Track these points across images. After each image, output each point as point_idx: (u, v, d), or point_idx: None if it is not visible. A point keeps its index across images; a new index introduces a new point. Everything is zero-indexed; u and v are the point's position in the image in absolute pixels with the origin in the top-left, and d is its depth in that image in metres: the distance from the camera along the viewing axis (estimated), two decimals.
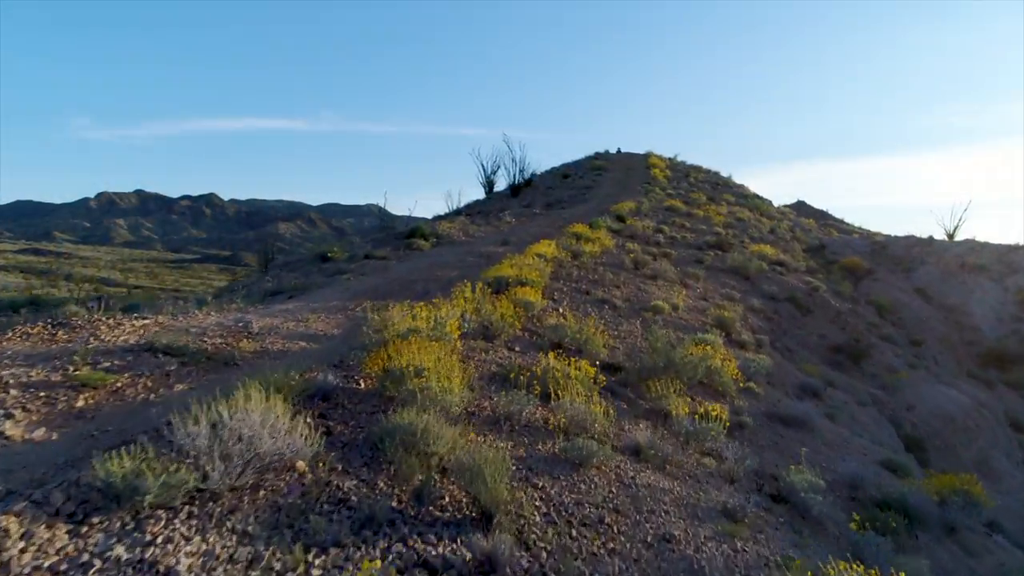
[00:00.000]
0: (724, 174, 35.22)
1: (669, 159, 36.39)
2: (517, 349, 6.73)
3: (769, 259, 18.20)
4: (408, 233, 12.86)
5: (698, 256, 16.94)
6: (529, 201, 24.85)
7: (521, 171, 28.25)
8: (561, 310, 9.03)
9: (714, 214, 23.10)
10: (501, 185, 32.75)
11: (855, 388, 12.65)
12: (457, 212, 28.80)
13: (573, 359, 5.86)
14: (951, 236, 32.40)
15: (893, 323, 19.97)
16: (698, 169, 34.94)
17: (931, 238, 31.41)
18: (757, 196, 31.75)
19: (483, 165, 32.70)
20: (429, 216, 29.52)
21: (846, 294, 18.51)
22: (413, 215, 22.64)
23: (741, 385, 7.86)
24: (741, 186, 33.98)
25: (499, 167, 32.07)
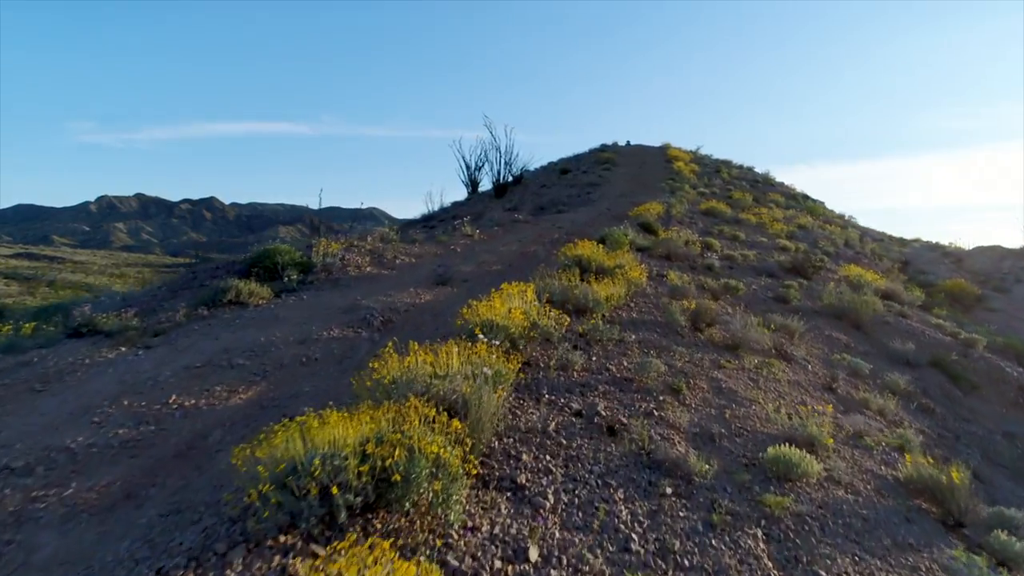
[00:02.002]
0: (759, 170, 28.90)
1: (692, 152, 30.13)
2: None
3: (876, 290, 11.90)
4: (249, 264, 6.61)
5: (775, 288, 10.66)
6: (516, 203, 18.65)
7: (507, 164, 22.05)
8: (533, 560, 2.75)
9: (769, 220, 16.79)
10: (489, 184, 26.70)
11: None
12: (428, 218, 22.69)
13: None
14: None
15: None
16: (728, 164, 28.63)
17: None
18: (807, 196, 25.44)
19: (464, 159, 26.62)
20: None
21: (998, 344, 12.14)
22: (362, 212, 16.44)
23: None
24: (782, 184, 27.66)
25: (485, 162, 25.98)
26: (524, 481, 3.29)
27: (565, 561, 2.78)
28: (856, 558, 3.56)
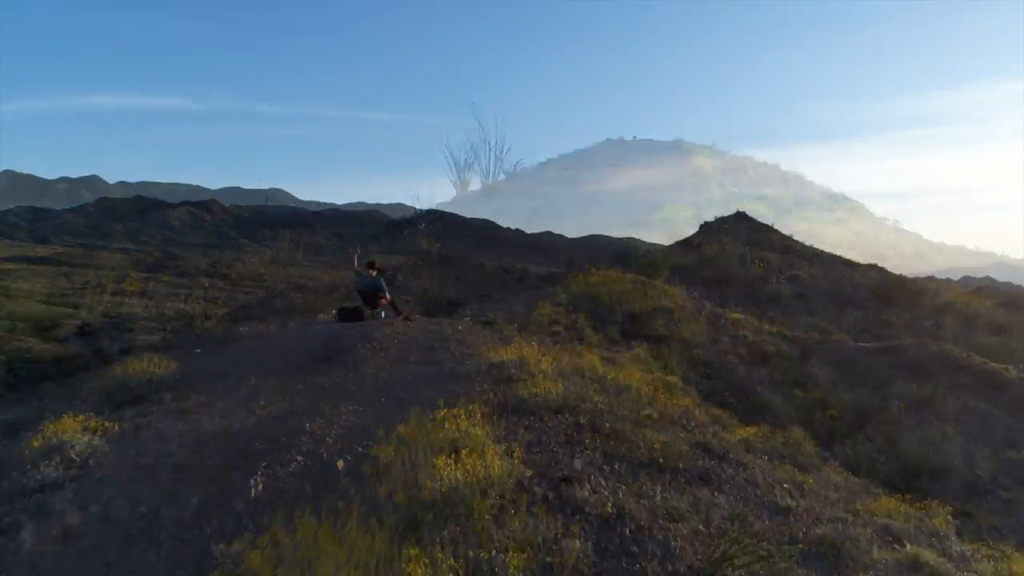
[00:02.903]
0: (785, 167, 25.59)
1: (708, 147, 26.87)
2: None
3: (995, 324, 8.65)
4: None
5: (872, 327, 7.41)
6: (509, 204, 15.38)
7: (499, 159, 18.82)
8: None
9: (820, 225, 13.53)
10: (479, 184, 23.54)
11: None
12: (410, 221, 19.60)
13: None
14: None
15: None
16: (751, 160, 25.37)
17: None
18: (845, 196, 22.19)
19: (452, 156, 23.40)
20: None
21: None
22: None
23: None
24: (811, 182, 24.37)
25: (475, 159, 22.81)
26: None
27: None
28: None
